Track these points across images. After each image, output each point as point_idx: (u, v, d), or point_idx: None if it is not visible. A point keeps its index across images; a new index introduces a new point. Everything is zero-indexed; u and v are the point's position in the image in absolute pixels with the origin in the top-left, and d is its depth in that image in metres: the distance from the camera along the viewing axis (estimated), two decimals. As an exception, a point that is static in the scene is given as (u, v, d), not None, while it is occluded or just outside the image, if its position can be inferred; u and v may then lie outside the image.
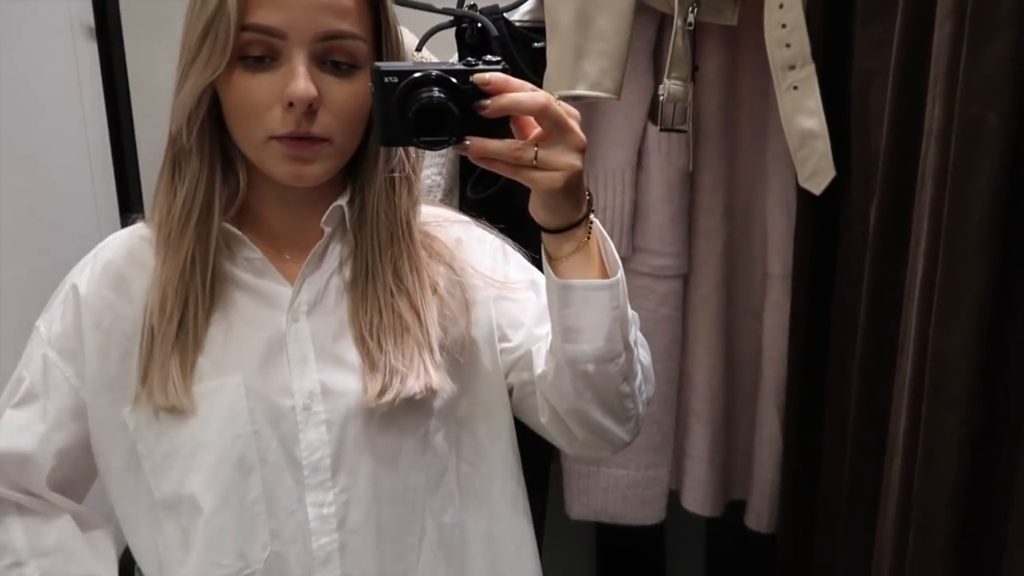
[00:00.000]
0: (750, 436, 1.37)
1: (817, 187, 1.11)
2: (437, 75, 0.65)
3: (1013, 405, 0.72)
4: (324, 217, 0.78)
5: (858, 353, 0.96)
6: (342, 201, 0.78)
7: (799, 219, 1.17)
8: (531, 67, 1.25)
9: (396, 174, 0.79)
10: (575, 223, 0.70)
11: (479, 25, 1.28)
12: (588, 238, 0.71)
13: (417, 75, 0.65)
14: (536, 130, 0.66)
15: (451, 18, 1.30)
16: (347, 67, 0.72)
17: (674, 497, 1.43)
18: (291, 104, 0.69)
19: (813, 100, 1.10)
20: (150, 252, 0.78)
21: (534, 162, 0.65)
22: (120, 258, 0.80)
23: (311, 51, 0.70)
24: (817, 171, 1.10)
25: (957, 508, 0.74)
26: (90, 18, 1.40)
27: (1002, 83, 0.67)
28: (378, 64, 0.67)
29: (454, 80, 0.65)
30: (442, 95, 0.64)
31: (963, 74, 0.70)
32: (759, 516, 1.36)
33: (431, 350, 0.77)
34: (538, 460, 1.44)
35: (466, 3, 1.34)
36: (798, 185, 1.14)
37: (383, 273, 0.78)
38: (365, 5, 0.73)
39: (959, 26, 0.71)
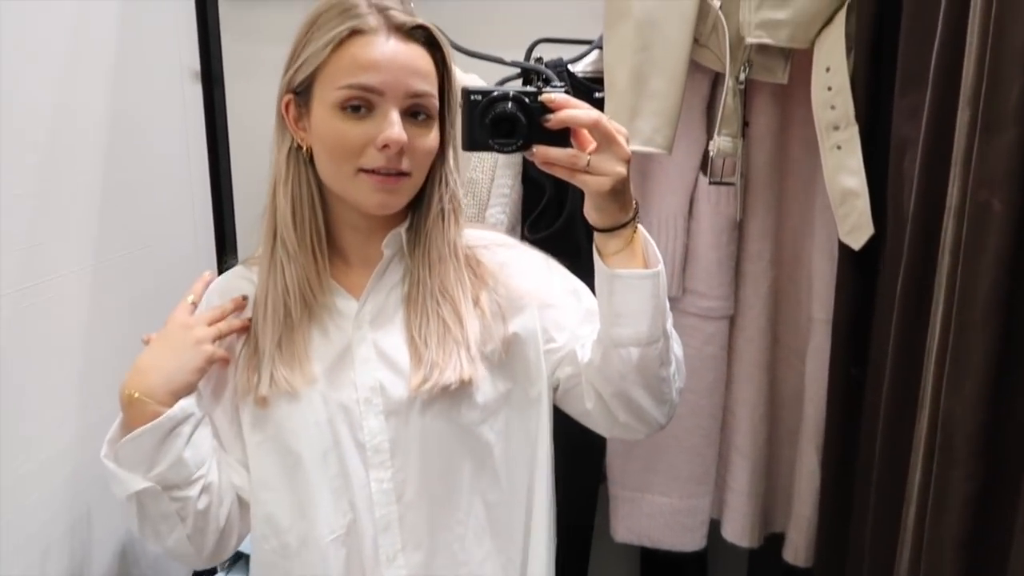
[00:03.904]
0: (790, 472, 1.43)
1: (856, 242, 1.17)
2: (512, 94, 0.81)
3: (1013, 465, 0.77)
4: (385, 241, 0.93)
5: (883, 404, 1.01)
6: (401, 229, 0.94)
7: (840, 270, 1.23)
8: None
9: (446, 206, 0.94)
10: (622, 224, 0.83)
11: (544, 76, 1.39)
12: (633, 239, 0.85)
13: (496, 93, 0.82)
14: (591, 144, 0.80)
15: (519, 70, 1.42)
16: (424, 118, 0.89)
17: (716, 526, 1.49)
18: (386, 146, 0.85)
19: (855, 160, 1.16)
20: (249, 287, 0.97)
21: (587, 168, 0.79)
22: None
23: (401, 106, 0.86)
24: (856, 227, 1.16)
25: (962, 559, 0.79)
26: (197, 63, 1.56)
27: (1008, 173, 0.73)
28: (466, 86, 0.83)
29: (525, 99, 0.81)
30: (514, 108, 0.81)
31: (975, 160, 0.76)
32: (796, 550, 1.41)
33: (468, 349, 0.90)
34: (587, 483, 1.53)
35: (533, 55, 1.45)
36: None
37: (432, 286, 0.92)
38: (436, 69, 0.90)
39: (975, 115, 0.78)
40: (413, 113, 0.87)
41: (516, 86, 1.03)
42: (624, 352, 0.86)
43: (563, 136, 0.81)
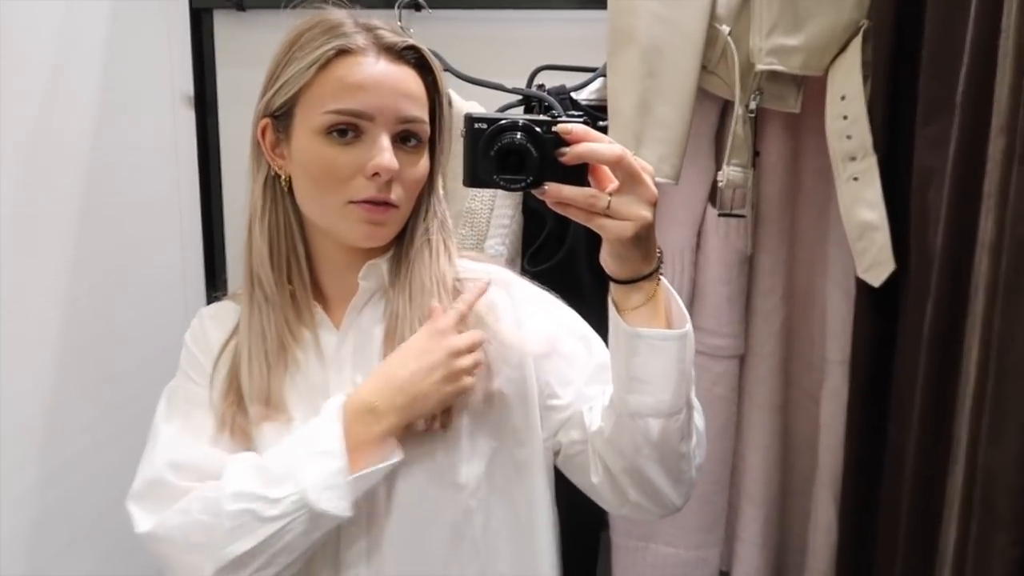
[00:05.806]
0: (805, 522, 1.35)
1: (876, 279, 1.10)
2: (522, 123, 0.70)
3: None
4: (361, 272, 0.85)
5: (911, 454, 0.94)
6: (380, 260, 0.85)
7: (858, 308, 1.16)
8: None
9: (433, 236, 0.86)
10: (644, 275, 0.72)
11: (546, 104, 1.34)
12: (656, 292, 0.74)
13: (504, 121, 0.71)
14: (613, 182, 0.69)
15: (520, 97, 1.36)
16: (415, 144, 0.82)
17: (725, 579, 1.41)
18: (376, 174, 0.78)
19: (873, 192, 1.10)
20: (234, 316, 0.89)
21: (607, 210, 0.68)
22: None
23: (391, 131, 0.79)
24: (876, 263, 1.10)
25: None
26: (190, 88, 1.52)
27: (1052, 205, 0.67)
28: (469, 112, 0.73)
29: (537, 128, 0.70)
30: (524, 139, 0.70)
31: (1013, 192, 0.70)
32: (811, 607, 1.32)
33: None
34: (588, 529, 1.45)
35: (535, 82, 1.40)
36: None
37: (412, 320, 0.83)
38: (427, 92, 0.83)
39: (1011, 143, 0.72)
40: (403, 139, 0.81)
41: (520, 113, 0.94)
42: (641, 423, 0.75)
43: (579, 173, 0.70)
